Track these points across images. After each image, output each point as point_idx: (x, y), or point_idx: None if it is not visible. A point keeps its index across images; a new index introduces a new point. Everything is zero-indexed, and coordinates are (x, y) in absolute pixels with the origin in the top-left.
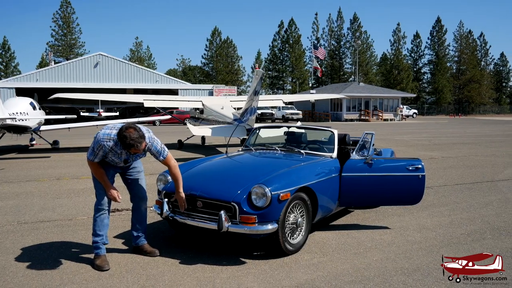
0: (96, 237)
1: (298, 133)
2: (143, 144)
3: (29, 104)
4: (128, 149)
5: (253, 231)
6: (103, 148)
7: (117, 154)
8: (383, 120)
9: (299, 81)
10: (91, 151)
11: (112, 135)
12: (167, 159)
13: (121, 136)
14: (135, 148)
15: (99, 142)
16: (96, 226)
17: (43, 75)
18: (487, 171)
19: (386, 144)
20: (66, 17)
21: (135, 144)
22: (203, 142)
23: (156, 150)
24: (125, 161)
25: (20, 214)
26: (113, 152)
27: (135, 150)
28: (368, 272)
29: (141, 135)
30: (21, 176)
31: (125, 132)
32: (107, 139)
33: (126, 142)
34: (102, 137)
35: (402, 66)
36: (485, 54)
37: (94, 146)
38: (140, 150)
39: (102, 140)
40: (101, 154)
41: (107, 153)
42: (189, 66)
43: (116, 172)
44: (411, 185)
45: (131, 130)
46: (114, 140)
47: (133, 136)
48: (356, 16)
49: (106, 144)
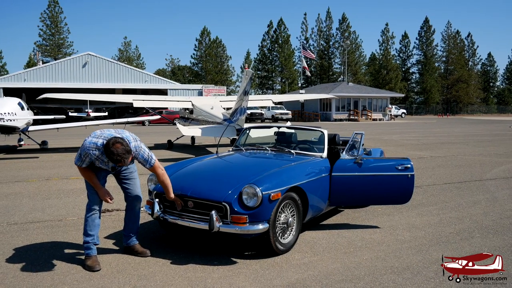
0: (87, 237)
1: (288, 133)
2: (129, 159)
3: (17, 104)
4: (115, 163)
5: (244, 231)
6: (89, 156)
7: (104, 162)
8: (372, 120)
9: (289, 81)
10: (78, 157)
11: (99, 144)
12: (154, 167)
13: (108, 152)
14: (122, 163)
15: (85, 151)
16: (87, 226)
17: (31, 75)
18: (475, 171)
19: (375, 144)
20: (54, 16)
21: (122, 159)
22: (193, 142)
23: (143, 159)
24: (112, 168)
25: (9, 215)
26: (100, 160)
27: (122, 164)
28: (358, 271)
29: (128, 150)
30: (9, 176)
31: (112, 147)
32: (94, 148)
33: (114, 158)
34: (88, 145)
35: (391, 66)
36: (472, 54)
37: (81, 153)
38: (126, 164)
39: (88, 148)
40: (88, 161)
41: (93, 161)
42: (178, 66)
43: (109, 173)
44: (401, 184)
45: (118, 145)
46: (100, 150)
47: (120, 152)
48: (345, 16)
49: (92, 152)
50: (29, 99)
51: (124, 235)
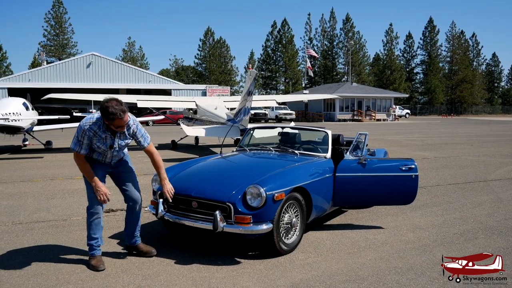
0: (91, 240)
1: (292, 133)
2: (125, 116)
3: (22, 105)
4: (111, 120)
5: (248, 231)
6: (87, 133)
7: (102, 139)
8: (376, 120)
9: (292, 81)
10: (76, 141)
11: (94, 118)
12: (151, 145)
13: (103, 107)
14: (118, 117)
15: (82, 127)
16: (91, 230)
17: (35, 75)
18: (480, 171)
19: (379, 144)
20: (58, 17)
21: (118, 112)
22: (196, 142)
23: (141, 134)
24: (110, 146)
25: (14, 215)
26: (97, 137)
27: (118, 121)
28: (362, 272)
29: (123, 107)
30: (14, 176)
31: (107, 103)
32: (89, 123)
33: (109, 111)
34: (85, 122)
35: (395, 66)
36: (477, 55)
37: (78, 135)
38: (123, 122)
39: (84, 124)
40: (86, 142)
41: (91, 139)
42: (182, 66)
43: (106, 172)
44: (405, 185)
45: (113, 101)
46: (96, 123)
47: (115, 106)
48: (348, 16)
49: (90, 127)
50: (34, 99)
51: (126, 235)
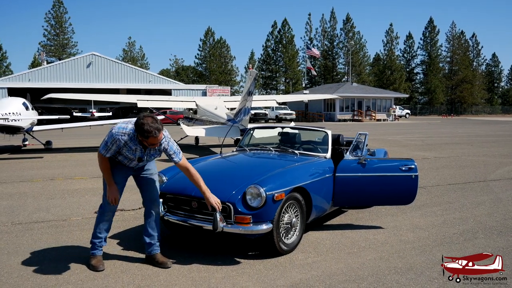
0: (96, 239)
1: (292, 133)
2: (160, 134)
3: (21, 104)
4: (145, 138)
5: (248, 231)
6: (117, 142)
7: (132, 150)
8: (376, 120)
9: (292, 81)
10: (104, 145)
11: (128, 129)
12: (183, 161)
13: (138, 124)
14: (153, 136)
15: (114, 136)
16: (98, 228)
17: (35, 75)
18: (480, 171)
19: (379, 145)
20: (59, 17)
21: (153, 131)
22: (196, 142)
23: (173, 151)
24: (139, 159)
25: (14, 215)
26: (128, 147)
27: (152, 140)
28: (362, 272)
29: (159, 126)
30: (14, 176)
31: (143, 119)
32: (122, 133)
33: (144, 128)
34: (117, 131)
35: (395, 66)
36: (477, 55)
37: (107, 140)
38: (157, 141)
39: (116, 134)
40: (114, 149)
41: (121, 148)
42: (182, 66)
43: (129, 174)
44: (405, 185)
45: (149, 118)
46: (129, 135)
47: (150, 123)
48: (349, 16)
49: (121, 138)
50: (34, 99)
51: (145, 243)
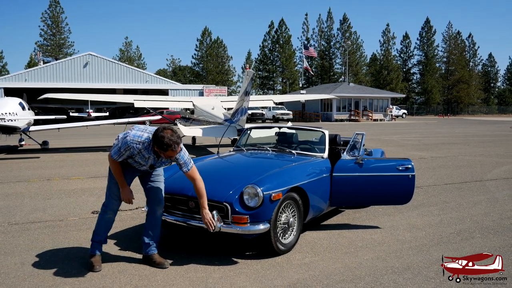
0: (97, 236)
1: (289, 133)
2: (179, 148)
3: (18, 104)
4: (164, 151)
5: (245, 231)
6: (131, 150)
7: (145, 158)
8: (373, 120)
9: (290, 81)
10: (117, 151)
11: (143, 138)
12: (193, 171)
13: (158, 136)
14: (172, 149)
15: (128, 144)
16: (99, 228)
17: (32, 75)
18: (476, 171)
19: (376, 144)
20: (55, 16)
21: (173, 145)
22: (193, 142)
23: (183, 161)
24: (151, 166)
25: (10, 215)
26: (141, 155)
27: (171, 153)
28: (359, 271)
29: (179, 140)
30: (10, 176)
31: (163, 132)
32: (137, 142)
33: (164, 142)
34: (132, 139)
35: (392, 66)
36: (473, 55)
37: (121, 147)
38: (175, 154)
39: (132, 142)
40: (127, 155)
41: (134, 155)
42: (179, 66)
43: (136, 174)
44: (401, 185)
45: (169, 131)
46: (143, 144)
47: (172, 137)
48: (346, 16)
49: (136, 146)
50: (30, 99)
51: (144, 243)
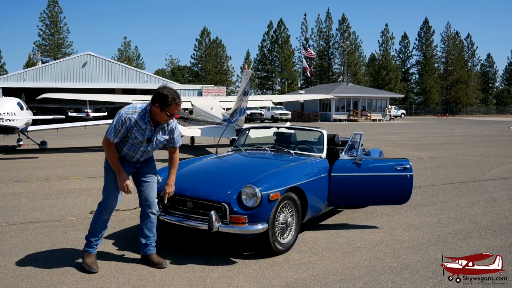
0: (92, 237)
1: (287, 133)
2: (181, 104)
3: (16, 104)
4: (168, 105)
5: (244, 231)
6: (127, 122)
7: (141, 130)
8: (371, 120)
9: (288, 81)
10: (112, 129)
11: (137, 107)
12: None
13: (161, 93)
14: (176, 103)
15: (123, 116)
16: (95, 228)
17: (30, 75)
18: (474, 171)
19: (374, 144)
20: (54, 16)
21: (177, 98)
22: (192, 142)
23: (177, 134)
24: (148, 140)
25: (8, 215)
26: (137, 127)
27: (175, 107)
28: (357, 271)
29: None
30: (8, 176)
31: (164, 89)
32: (132, 112)
33: (169, 96)
34: (127, 110)
35: (390, 66)
36: (472, 55)
37: (116, 124)
38: (179, 109)
39: (126, 113)
40: (123, 131)
41: (130, 129)
42: (178, 66)
43: (131, 172)
44: (400, 184)
45: (169, 88)
46: (139, 113)
47: (174, 92)
48: (344, 16)
49: (131, 116)
50: (28, 99)
51: (141, 244)
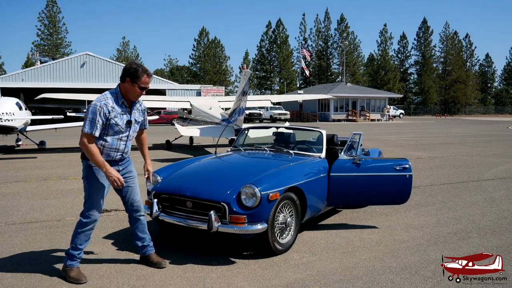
0: (75, 251)
1: (286, 133)
2: (150, 78)
3: (15, 104)
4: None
5: (243, 231)
6: (103, 109)
7: (119, 114)
8: (370, 120)
9: (287, 81)
10: (90, 123)
11: (107, 93)
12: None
13: (130, 67)
14: (147, 73)
15: (97, 104)
16: (78, 240)
17: (29, 75)
18: (473, 171)
19: (373, 144)
20: (52, 16)
21: (146, 69)
22: (191, 142)
23: (145, 117)
24: (128, 122)
25: (7, 215)
26: (115, 112)
27: (146, 78)
28: (356, 271)
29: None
30: (7, 176)
31: (132, 64)
32: (104, 99)
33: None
34: (99, 98)
35: (389, 66)
36: (470, 55)
37: (92, 115)
38: (149, 80)
39: (100, 101)
40: (102, 120)
41: (108, 116)
42: (177, 66)
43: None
44: (399, 184)
45: (138, 62)
46: (111, 98)
47: (143, 66)
48: (343, 16)
49: (106, 102)
50: (27, 99)
51: (138, 247)
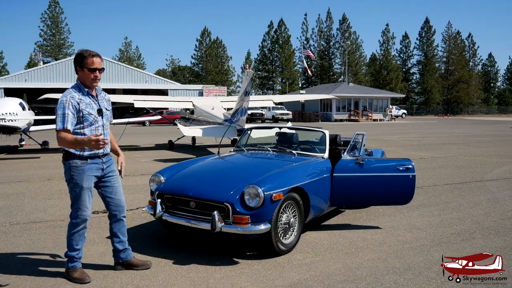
0: (73, 251)
1: (289, 133)
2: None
3: (18, 105)
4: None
5: (246, 231)
6: (71, 102)
7: (88, 104)
8: (372, 120)
9: (289, 81)
10: (61, 118)
11: (71, 88)
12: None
13: (79, 55)
14: (96, 55)
15: (64, 99)
16: (73, 241)
17: (31, 75)
18: (476, 171)
19: (376, 145)
20: (55, 17)
21: (92, 52)
22: (193, 142)
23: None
24: (98, 111)
25: (11, 215)
26: (84, 103)
27: (97, 59)
28: (360, 272)
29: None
30: (11, 176)
31: (79, 51)
32: (69, 93)
33: (85, 52)
34: (64, 94)
35: (391, 66)
36: (473, 55)
37: (61, 111)
38: (98, 61)
39: (65, 96)
40: (72, 113)
41: (79, 107)
42: (179, 66)
43: (96, 177)
44: (402, 185)
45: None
46: (76, 91)
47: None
48: (345, 16)
49: (72, 95)
50: (30, 99)
51: (117, 251)
